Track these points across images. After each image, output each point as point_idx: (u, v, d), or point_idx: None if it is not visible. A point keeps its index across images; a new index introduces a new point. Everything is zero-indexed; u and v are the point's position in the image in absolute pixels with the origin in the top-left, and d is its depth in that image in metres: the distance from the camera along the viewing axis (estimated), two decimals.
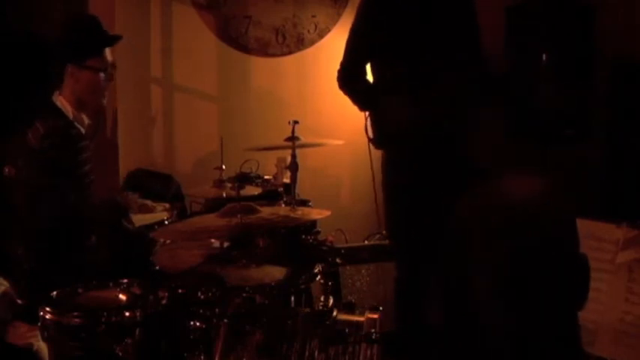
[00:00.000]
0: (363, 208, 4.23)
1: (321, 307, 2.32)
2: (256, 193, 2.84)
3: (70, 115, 2.66)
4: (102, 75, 2.68)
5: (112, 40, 2.76)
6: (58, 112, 2.65)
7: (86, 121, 2.76)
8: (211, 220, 2.03)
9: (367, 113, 3.21)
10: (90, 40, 2.67)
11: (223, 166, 2.71)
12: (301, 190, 3.03)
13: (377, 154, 3.69)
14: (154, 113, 4.06)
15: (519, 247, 1.00)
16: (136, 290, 2.03)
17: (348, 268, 3.44)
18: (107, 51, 2.71)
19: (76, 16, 2.85)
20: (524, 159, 3.38)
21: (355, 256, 3.47)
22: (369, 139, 3.24)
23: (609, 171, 3.28)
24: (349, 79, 3.10)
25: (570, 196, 1.10)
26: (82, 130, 2.71)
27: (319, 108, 4.16)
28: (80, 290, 2.10)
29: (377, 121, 3.12)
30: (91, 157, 2.74)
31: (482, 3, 3.31)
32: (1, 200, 2.81)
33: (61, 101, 2.66)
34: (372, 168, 3.90)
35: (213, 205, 2.80)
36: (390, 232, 3.22)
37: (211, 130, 4.07)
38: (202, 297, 2.03)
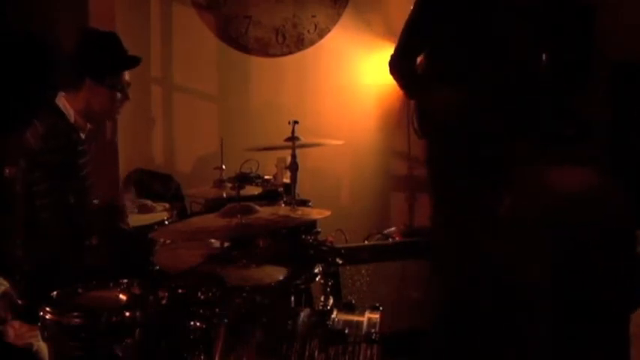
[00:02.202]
0: (363, 208, 4.23)
1: (321, 307, 2.32)
2: (256, 193, 2.84)
3: (72, 119, 2.67)
4: (119, 94, 2.73)
5: (135, 63, 2.81)
6: (59, 114, 2.66)
7: (87, 126, 2.76)
8: (211, 220, 2.03)
9: (413, 104, 3.24)
10: (113, 59, 2.73)
11: (223, 166, 2.71)
12: (301, 190, 3.03)
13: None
14: (154, 113, 4.06)
15: (576, 243, 0.98)
16: (136, 290, 2.03)
17: (348, 268, 3.44)
18: (126, 71, 2.76)
19: (98, 31, 2.86)
20: (524, 159, 3.38)
21: (355, 256, 3.47)
22: (414, 130, 3.27)
23: (609, 171, 3.28)
24: (401, 64, 3.12)
25: (632, 199, 1.07)
26: (82, 135, 2.72)
27: (319, 108, 4.16)
28: (80, 290, 2.10)
29: (424, 110, 3.15)
30: (90, 162, 2.75)
31: None
32: (1, 201, 2.81)
33: (64, 104, 2.67)
34: (408, 159, 3.80)
35: (213, 205, 2.80)
36: (435, 220, 3.24)
37: (211, 130, 4.07)
38: (202, 297, 2.02)
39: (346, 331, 1.94)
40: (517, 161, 3.04)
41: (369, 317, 2.06)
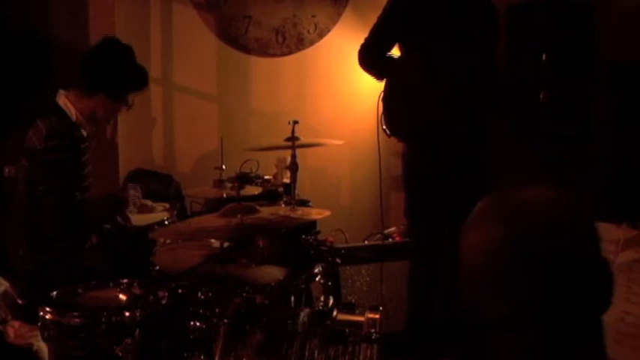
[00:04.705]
0: (363, 208, 4.23)
1: (321, 307, 2.32)
2: (256, 193, 2.84)
3: (73, 117, 2.68)
4: (124, 108, 2.85)
5: (146, 83, 2.90)
6: (61, 113, 2.66)
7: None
8: (211, 220, 2.03)
9: (382, 106, 3.33)
10: (130, 81, 2.81)
11: (223, 166, 2.71)
12: (301, 190, 3.03)
13: (385, 150, 3.71)
14: (154, 113, 4.05)
15: (536, 255, 0.97)
16: (136, 290, 2.03)
17: (348, 268, 3.44)
18: None
19: (115, 46, 2.83)
20: (524, 159, 3.38)
21: (355, 256, 3.47)
22: (383, 129, 3.34)
23: (609, 171, 3.28)
24: (371, 57, 3.26)
25: (588, 199, 1.07)
26: (84, 133, 2.73)
27: (319, 108, 4.16)
28: (80, 290, 2.10)
29: (389, 110, 3.25)
30: (91, 160, 2.76)
31: None
32: (1, 200, 2.81)
33: (65, 102, 2.67)
34: (379, 165, 3.88)
35: (213, 205, 2.80)
36: (409, 220, 3.33)
37: (211, 130, 4.06)
38: (202, 297, 2.02)
39: (346, 331, 1.94)
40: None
41: (369, 317, 2.05)
